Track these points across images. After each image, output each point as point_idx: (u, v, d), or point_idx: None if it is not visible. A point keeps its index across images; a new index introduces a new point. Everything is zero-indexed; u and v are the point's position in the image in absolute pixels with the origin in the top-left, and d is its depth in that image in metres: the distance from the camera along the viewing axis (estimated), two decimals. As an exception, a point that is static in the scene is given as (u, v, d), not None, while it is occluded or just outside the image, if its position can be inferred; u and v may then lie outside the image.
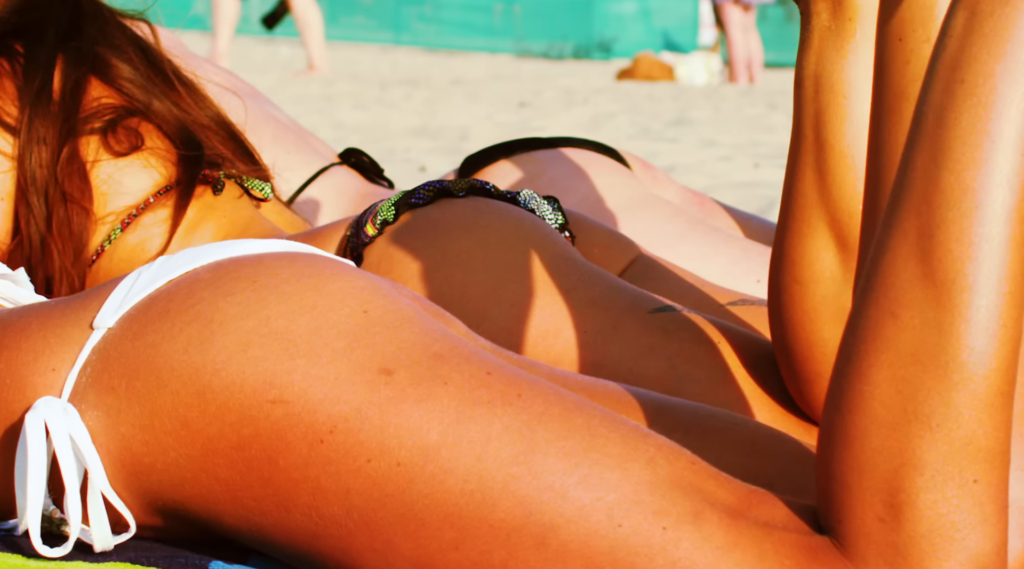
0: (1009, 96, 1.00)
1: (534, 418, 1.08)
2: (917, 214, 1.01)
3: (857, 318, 1.03)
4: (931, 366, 1.00)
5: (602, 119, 7.63)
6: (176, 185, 1.61)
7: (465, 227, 1.54)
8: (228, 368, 1.10)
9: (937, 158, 1.00)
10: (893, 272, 1.01)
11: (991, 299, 1.00)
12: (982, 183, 1.00)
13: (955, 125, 1.00)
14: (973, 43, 1.00)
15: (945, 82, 1.01)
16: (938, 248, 1.00)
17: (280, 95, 7.92)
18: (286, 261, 1.16)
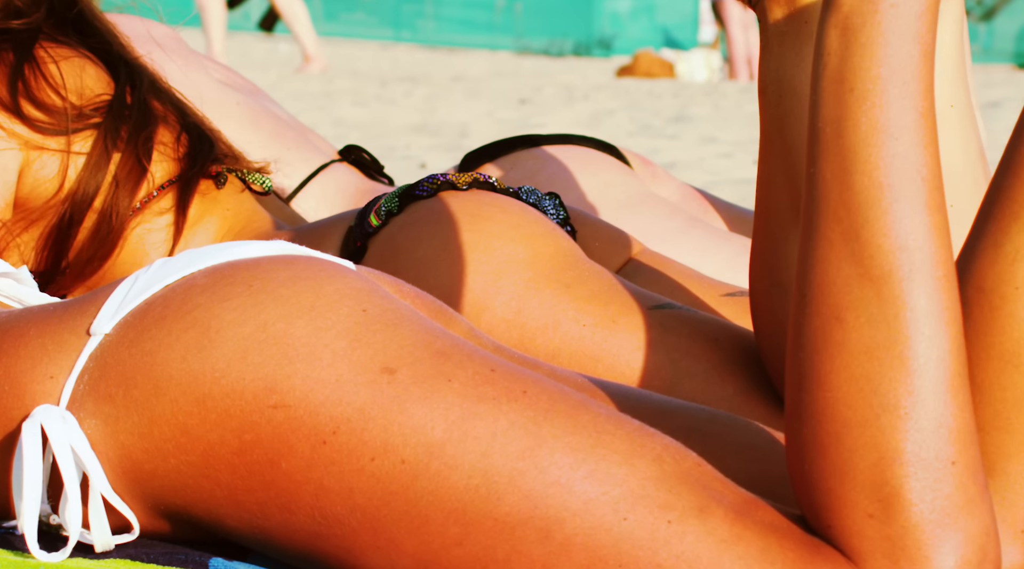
0: (900, 94, 1.04)
1: (540, 414, 1.09)
2: (838, 221, 1.04)
3: (801, 332, 1.06)
4: (887, 359, 1.03)
5: (602, 116, 7.63)
6: (179, 179, 1.61)
7: (468, 219, 1.55)
8: (228, 375, 1.10)
9: (845, 165, 1.04)
10: (828, 280, 1.04)
11: (929, 284, 1.03)
12: (895, 178, 1.03)
13: (855, 131, 1.04)
14: (853, 54, 1.05)
15: (835, 95, 1.05)
16: (867, 246, 1.03)
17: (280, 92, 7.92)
18: (282, 264, 1.16)
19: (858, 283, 1.03)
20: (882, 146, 1.04)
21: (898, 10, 1.05)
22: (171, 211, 1.61)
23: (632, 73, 12.55)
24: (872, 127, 1.04)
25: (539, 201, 1.67)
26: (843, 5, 1.06)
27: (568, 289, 1.51)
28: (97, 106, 1.59)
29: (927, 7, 1.05)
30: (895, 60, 1.04)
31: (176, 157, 1.62)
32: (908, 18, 1.05)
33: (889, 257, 1.03)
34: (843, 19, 1.06)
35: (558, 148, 2.18)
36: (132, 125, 1.59)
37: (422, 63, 14.46)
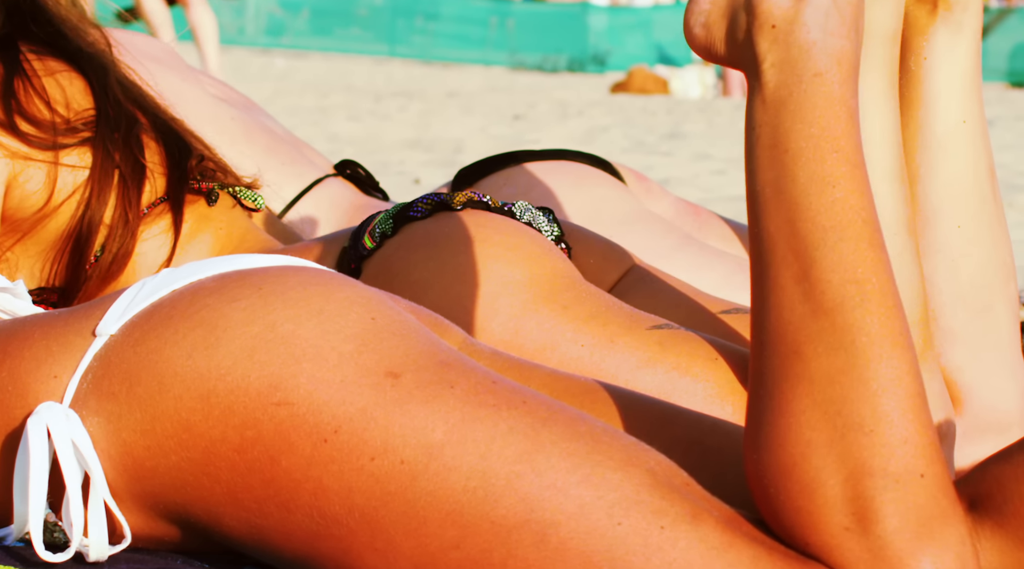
0: (832, 149, 1.11)
1: (539, 421, 1.10)
2: (787, 266, 1.10)
3: (762, 371, 1.10)
4: (848, 382, 1.07)
5: (596, 132, 7.65)
6: (167, 197, 1.61)
7: (463, 241, 1.55)
8: (233, 372, 1.11)
9: (789, 216, 1.11)
10: (783, 320, 1.10)
11: (880, 311, 1.09)
12: (838, 220, 1.10)
13: (794, 185, 1.11)
14: (784, 121, 1.12)
15: (771, 159, 1.12)
16: (818, 283, 1.09)
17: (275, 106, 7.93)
18: (291, 271, 1.17)
19: (813, 317, 1.09)
20: (822, 194, 1.10)
21: (822, 79, 1.12)
22: (165, 226, 1.61)
23: (626, 89, 12.57)
24: (810, 179, 1.11)
25: (533, 218, 1.67)
26: (769, 81, 1.13)
27: (566, 310, 1.52)
28: (86, 120, 1.59)
29: (849, 75, 1.13)
30: (824, 121, 1.12)
31: (161, 170, 1.62)
32: (832, 85, 1.12)
33: (840, 289, 1.09)
34: (771, 93, 1.13)
35: (552, 164, 2.18)
36: (123, 131, 1.60)
37: (416, 78, 14.48)
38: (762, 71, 1.14)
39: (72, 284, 1.58)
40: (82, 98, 1.60)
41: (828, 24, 1.13)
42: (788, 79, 1.13)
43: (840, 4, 1.14)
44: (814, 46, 1.13)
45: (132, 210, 1.58)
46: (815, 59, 1.13)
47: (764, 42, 1.14)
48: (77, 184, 1.58)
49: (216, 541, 1.16)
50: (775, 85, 1.13)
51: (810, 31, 1.13)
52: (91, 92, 1.61)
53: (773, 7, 1.14)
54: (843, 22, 1.14)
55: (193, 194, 1.64)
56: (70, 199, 1.58)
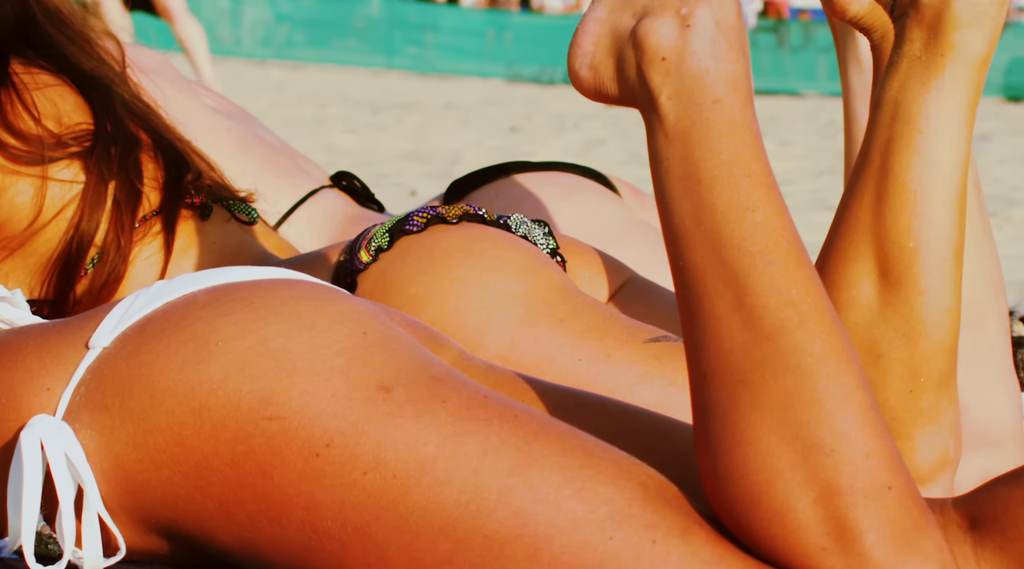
0: (744, 173, 1.11)
1: (531, 435, 1.10)
2: (720, 296, 1.09)
3: (707, 404, 1.09)
4: (800, 404, 1.06)
5: (593, 145, 7.65)
6: (160, 211, 1.60)
7: (459, 255, 1.54)
8: (225, 386, 1.11)
9: (713, 246, 1.10)
10: (724, 350, 1.09)
11: (820, 329, 1.08)
12: (764, 244, 1.09)
13: (713, 214, 1.10)
14: (692, 151, 1.12)
15: (685, 190, 1.12)
16: (755, 310, 1.08)
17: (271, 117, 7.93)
18: (284, 285, 1.17)
19: (755, 344, 1.08)
20: (743, 220, 1.10)
21: (722, 105, 1.12)
22: (157, 243, 1.60)
23: (623, 102, 12.57)
24: (729, 206, 1.10)
25: (528, 231, 1.67)
26: (668, 114, 1.13)
27: (562, 323, 1.51)
28: (77, 135, 1.57)
29: (746, 98, 1.13)
30: (733, 147, 1.11)
31: (156, 184, 1.61)
32: (733, 110, 1.12)
33: (777, 313, 1.08)
34: (672, 126, 1.13)
35: (547, 175, 2.18)
36: (120, 151, 1.58)
37: (413, 90, 14.49)
38: (659, 104, 1.13)
39: (63, 301, 1.57)
40: (75, 113, 1.58)
41: (717, 51, 1.13)
42: (688, 109, 1.12)
43: (724, 29, 1.14)
44: (708, 73, 1.12)
45: (124, 236, 1.57)
46: (711, 86, 1.12)
47: (657, 75, 1.14)
48: (67, 201, 1.56)
49: (208, 555, 1.16)
50: (675, 117, 1.12)
51: (701, 59, 1.13)
52: (87, 108, 1.59)
53: (661, 39, 1.13)
54: (730, 46, 1.14)
55: (187, 209, 1.63)
56: (60, 216, 1.56)
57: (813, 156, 7.20)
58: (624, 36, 1.16)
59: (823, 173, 6.20)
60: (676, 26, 1.13)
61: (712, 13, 1.14)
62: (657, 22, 1.14)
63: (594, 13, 1.19)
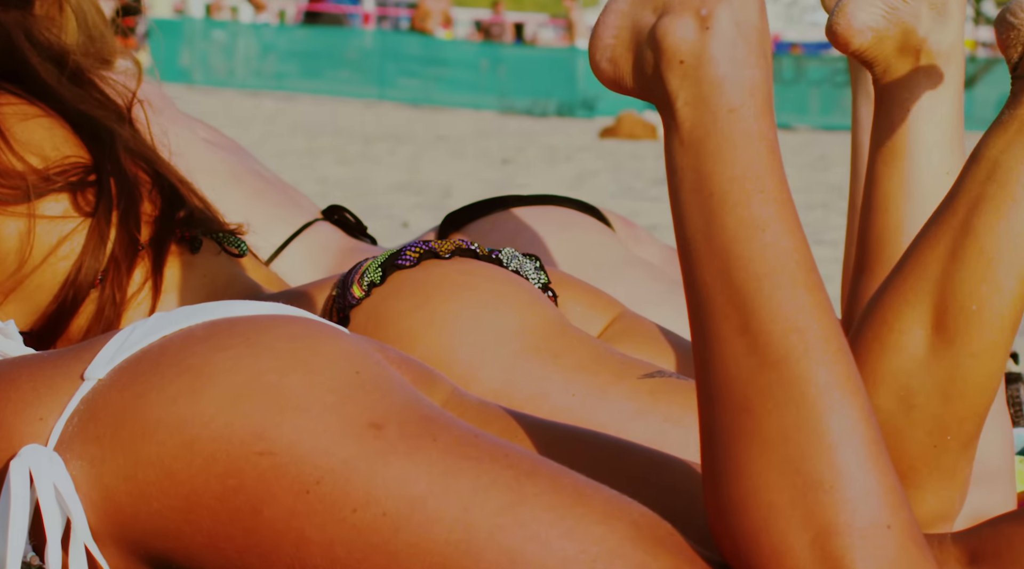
0: (756, 188, 1.08)
1: (522, 474, 1.09)
2: (726, 318, 1.07)
3: (712, 429, 1.08)
4: (802, 438, 1.04)
5: (585, 177, 7.66)
6: (151, 243, 1.59)
7: (452, 290, 1.54)
8: (217, 420, 1.11)
9: (722, 264, 1.08)
10: (729, 374, 1.07)
11: (826, 358, 1.06)
12: (772, 266, 1.07)
13: (723, 231, 1.08)
14: (704, 163, 1.09)
15: (697, 204, 1.09)
16: (760, 335, 1.06)
17: (264, 149, 7.94)
18: (281, 321, 1.17)
19: (759, 371, 1.06)
20: (752, 239, 1.07)
21: (738, 114, 1.09)
22: (147, 275, 1.59)
23: (615, 134, 12.62)
24: (739, 224, 1.07)
25: (520, 266, 1.67)
26: (684, 122, 1.10)
27: (556, 359, 1.51)
28: (65, 169, 1.55)
29: (763, 109, 1.10)
30: (746, 160, 1.08)
31: (148, 219, 1.60)
32: (749, 120, 1.09)
33: (783, 341, 1.06)
34: (688, 133, 1.10)
35: (540, 209, 2.18)
36: (119, 189, 1.57)
37: (406, 122, 14.51)
38: (676, 109, 1.10)
39: (57, 334, 1.56)
40: (64, 146, 1.56)
41: (736, 55, 1.09)
42: (703, 117, 1.09)
43: (745, 31, 1.10)
44: (725, 80, 1.09)
45: (124, 272, 1.56)
46: (728, 94, 1.09)
47: (674, 79, 1.10)
48: (61, 239, 1.53)
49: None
50: (691, 124, 1.09)
51: (719, 65, 1.09)
52: (77, 141, 1.57)
53: (679, 42, 1.10)
54: (750, 50, 1.10)
55: (177, 242, 1.62)
56: (53, 255, 1.53)
57: (805, 190, 7.22)
58: (643, 32, 1.13)
59: (815, 207, 6.21)
60: (695, 27, 1.10)
61: (733, 14, 1.10)
62: (676, 22, 1.11)
63: (615, 4, 1.15)
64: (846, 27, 1.52)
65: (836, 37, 1.52)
